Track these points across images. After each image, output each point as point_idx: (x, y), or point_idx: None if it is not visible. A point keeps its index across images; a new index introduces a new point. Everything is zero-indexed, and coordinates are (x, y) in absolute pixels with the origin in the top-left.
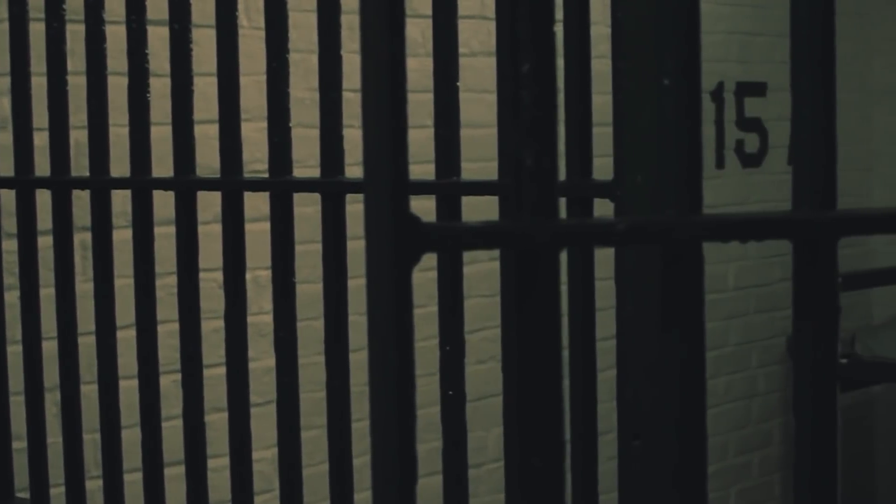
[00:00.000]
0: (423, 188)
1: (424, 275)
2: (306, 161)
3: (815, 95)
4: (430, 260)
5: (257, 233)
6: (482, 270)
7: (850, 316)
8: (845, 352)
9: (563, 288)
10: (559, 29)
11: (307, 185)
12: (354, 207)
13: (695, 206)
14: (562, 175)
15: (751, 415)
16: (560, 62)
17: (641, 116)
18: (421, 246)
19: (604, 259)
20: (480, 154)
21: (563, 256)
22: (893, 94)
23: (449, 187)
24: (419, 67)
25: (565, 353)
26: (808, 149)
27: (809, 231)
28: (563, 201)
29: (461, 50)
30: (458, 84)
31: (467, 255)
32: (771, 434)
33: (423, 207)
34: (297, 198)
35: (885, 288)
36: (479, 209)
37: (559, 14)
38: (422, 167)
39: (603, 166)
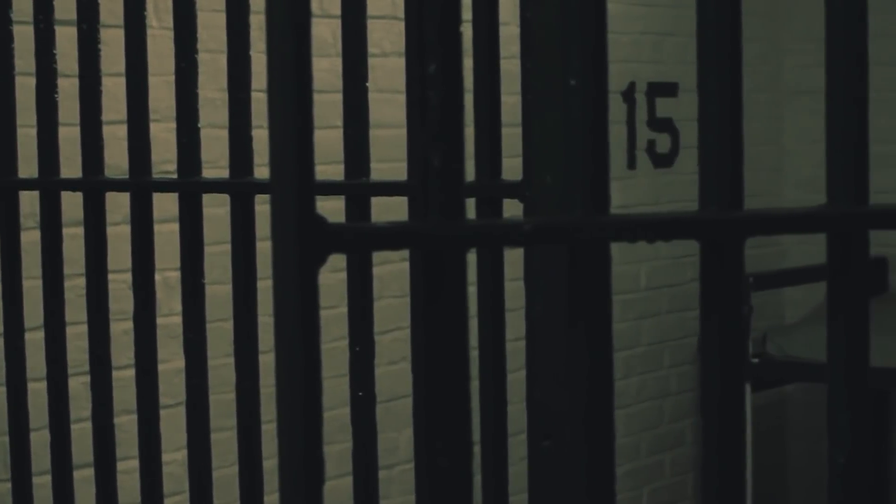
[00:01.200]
0: (331, 189)
1: (335, 275)
2: (217, 161)
3: (721, 95)
4: (341, 261)
5: (167, 234)
6: (394, 271)
7: (762, 315)
8: (757, 351)
9: (474, 289)
10: (469, 29)
11: (216, 186)
12: (264, 208)
13: (601, 206)
14: (471, 176)
15: (663, 415)
16: (470, 62)
17: (549, 117)
18: (327, 247)
19: (517, 259)
20: (393, 154)
21: (473, 257)
22: (804, 95)
23: (358, 188)
24: (330, 67)
25: (476, 354)
26: (714, 149)
27: (716, 231)
28: (472, 202)
29: (372, 50)
30: (368, 84)
31: (379, 256)
32: (683, 434)
33: (334, 208)
34: (207, 198)
35: (797, 287)
36: (393, 210)
37: (468, 14)
38: (333, 168)
39: (514, 167)
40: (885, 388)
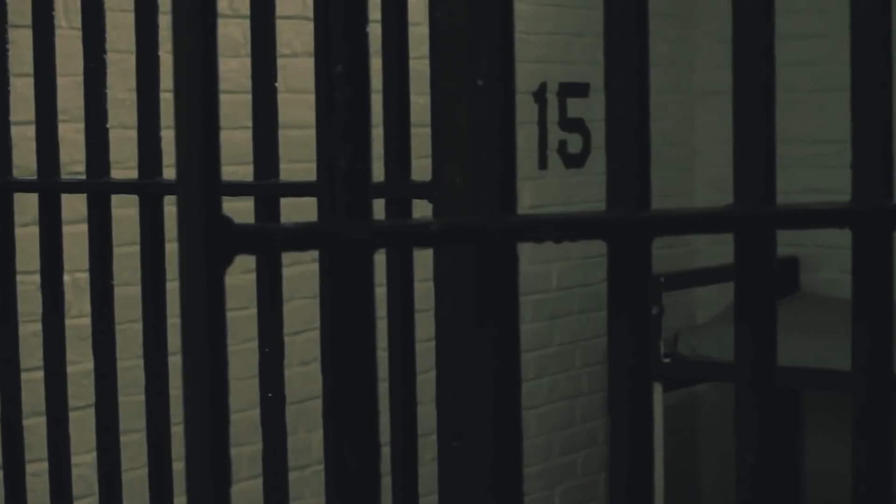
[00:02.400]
0: (240, 189)
1: (246, 276)
2: (127, 162)
3: (628, 96)
4: (252, 261)
5: (76, 235)
6: (306, 272)
7: (673, 315)
8: (669, 351)
9: (384, 289)
10: (378, 29)
11: (125, 187)
12: (174, 209)
13: (509, 206)
14: (380, 176)
15: (575, 415)
16: (379, 62)
17: (457, 117)
18: (233, 248)
19: (428, 260)
20: (305, 155)
21: (384, 258)
22: (715, 95)
23: (266, 188)
24: (240, 68)
25: (387, 355)
26: (622, 149)
27: (622, 231)
28: (382, 202)
29: (283, 50)
30: (277, 84)
31: (290, 257)
32: (595, 434)
33: (244, 209)
34: (116, 199)
35: (708, 287)
36: (306, 211)
37: (377, 14)
38: (244, 168)
39: (424, 167)
40: (796, 387)
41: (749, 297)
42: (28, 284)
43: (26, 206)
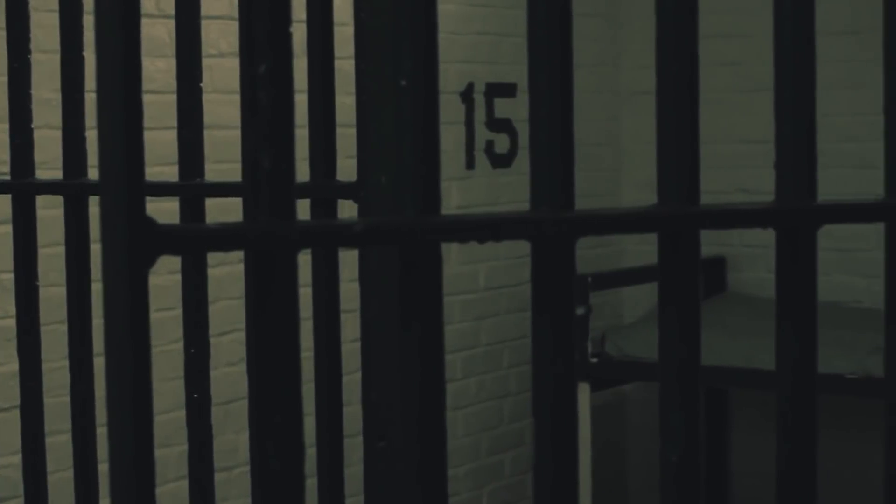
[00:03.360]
0: (165, 190)
1: (172, 277)
2: (52, 162)
3: (552, 96)
4: (178, 262)
5: (1, 235)
6: (233, 272)
7: (601, 315)
8: (596, 351)
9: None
10: (303, 29)
11: (49, 187)
12: (99, 209)
13: (433, 206)
14: (307, 176)
15: (503, 415)
16: (304, 63)
17: (381, 118)
18: (156, 248)
19: (355, 260)
20: (233, 155)
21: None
22: (642, 95)
23: (192, 189)
24: (166, 68)
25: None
26: (546, 149)
27: (546, 231)
28: (307, 203)
29: (210, 51)
30: (202, 85)
31: (217, 257)
32: (523, 434)
33: (171, 209)
34: (41, 200)
35: (635, 287)
36: (236, 211)
37: (303, 14)
38: (170, 169)
39: (351, 167)
40: (723, 387)
41: (673, 296)
42: None
43: None
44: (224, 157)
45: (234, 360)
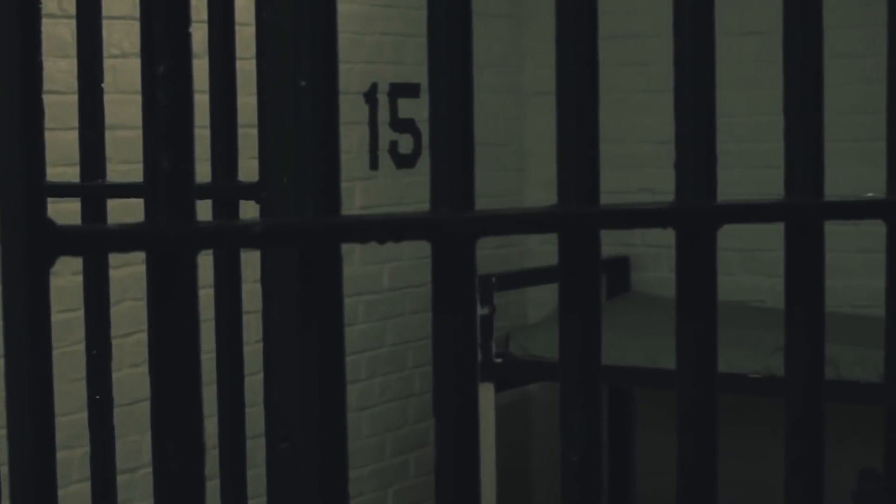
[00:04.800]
0: (66, 191)
1: (76, 278)
2: None
3: (451, 96)
4: (81, 263)
5: None
6: (136, 273)
7: (505, 315)
8: (500, 351)
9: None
10: (205, 29)
11: None
12: None
13: (333, 207)
14: (209, 177)
15: (407, 415)
16: (206, 63)
17: (281, 118)
18: (55, 249)
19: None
20: (136, 156)
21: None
22: (546, 95)
23: (93, 189)
24: (69, 68)
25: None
26: (445, 149)
27: (446, 231)
28: (210, 203)
29: (113, 51)
30: (104, 85)
31: (120, 258)
32: (427, 434)
33: (74, 210)
34: None
35: (539, 287)
36: (140, 212)
37: (205, 15)
38: (73, 169)
39: (254, 168)
40: (627, 386)
41: (574, 296)
42: None
43: None
44: (128, 158)
45: (138, 362)
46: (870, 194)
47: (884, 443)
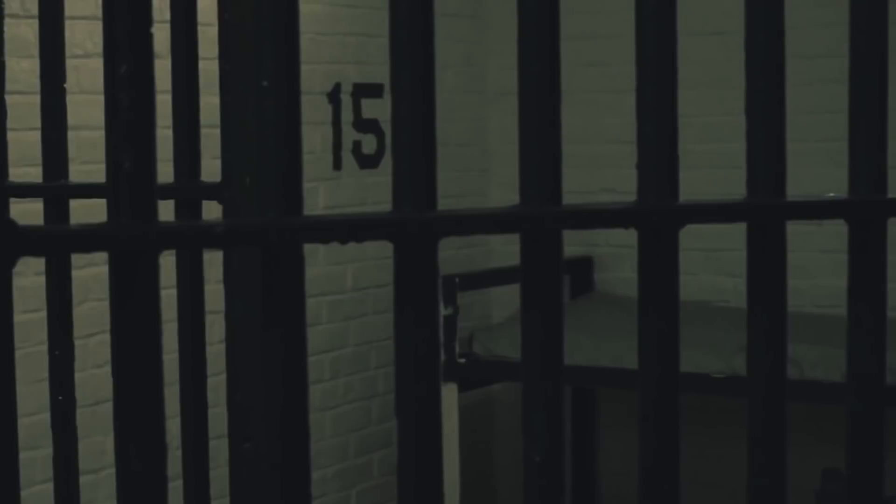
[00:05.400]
0: (29, 191)
1: (39, 279)
2: None
3: (414, 96)
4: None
5: None
6: (99, 273)
7: (469, 316)
8: (464, 351)
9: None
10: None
11: None
12: None
13: (295, 207)
14: (171, 177)
15: (371, 415)
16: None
17: (244, 118)
18: (18, 249)
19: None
20: (99, 156)
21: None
22: (509, 96)
23: (55, 190)
24: (32, 69)
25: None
26: (407, 150)
27: (408, 232)
28: (172, 204)
29: (76, 51)
30: (67, 85)
31: (84, 258)
32: (391, 434)
33: (37, 210)
34: None
35: (503, 287)
36: (103, 213)
37: (167, 14)
38: (38, 169)
39: (218, 168)
40: (591, 386)
41: (536, 296)
42: None
43: None
44: (91, 158)
45: (102, 362)
46: (832, 194)
47: (846, 443)
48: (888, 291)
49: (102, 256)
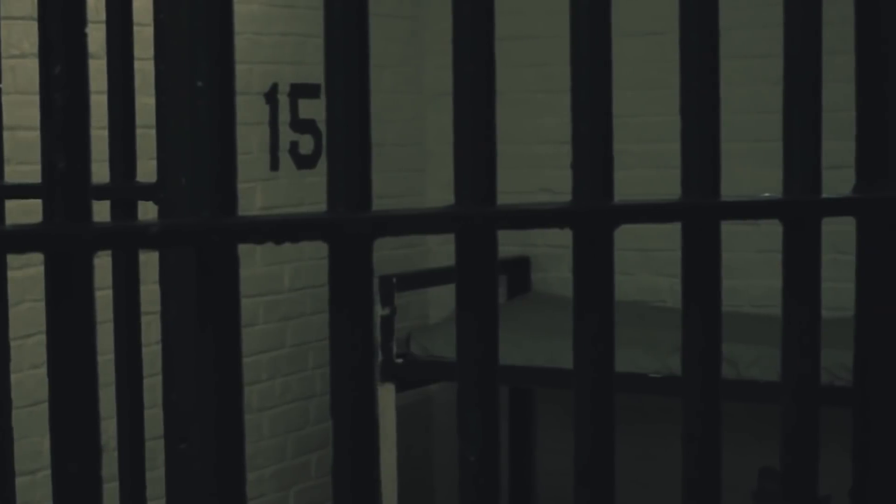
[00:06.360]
0: None
1: None
2: None
3: (348, 97)
4: None
5: None
6: (38, 274)
7: (406, 316)
8: (401, 351)
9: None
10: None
11: None
12: None
13: (229, 207)
14: (107, 178)
15: (308, 416)
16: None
17: (179, 119)
18: None
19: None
20: (36, 157)
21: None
22: (447, 96)
23: None
24: None
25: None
26: (342, 150)
27: (342, 232)
28: (108, 204)
29: (12, 51)
30: (2, 86)
31: (21, 259)
32: (329, 435)
33: None
34: None
35: (440, 287)
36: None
37: (103, 15)
38: None
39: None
40: (528, 386)
41: (471, 296)
42: None
43: None
44: (27, 159)
45: (39, 363)
46: (766, 194)
47: (780, 442)
48: (823, 291)
49: (39, 257)
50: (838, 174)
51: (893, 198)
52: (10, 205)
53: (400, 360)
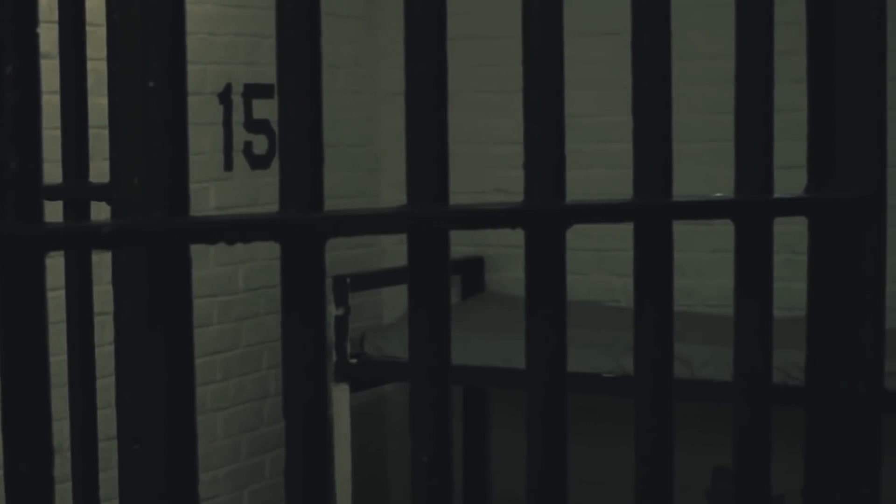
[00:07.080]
0: None
1: None
2: None
3: (300, 97)
4: None
5: None
6: None
7: (360, 316)
8: (355, 352)
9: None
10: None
11: None
12: None
13: (180, 208)
14: (60, 178)
15: (262, 416)
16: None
17: (131, 119)
18: None
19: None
20: None
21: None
22: (400, 96)
23: None
24: None
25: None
26: (294, 150)
27: (294, 232)
28: (61, 205)
29: None
30: None
31: None
32: (282, 435)
33: None
34: None
35: (395, 287)
36: None
37: (55, 15)
38: None
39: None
40: (482, 386)
41: (423, 297)
42: None
43: None
44: None
45: None
46: (718, 194)
47: (733, 442)
48: (776, 291)
49: None
50: (790, 174)
51: (844, 198)
52: None
53: (354, 361)
